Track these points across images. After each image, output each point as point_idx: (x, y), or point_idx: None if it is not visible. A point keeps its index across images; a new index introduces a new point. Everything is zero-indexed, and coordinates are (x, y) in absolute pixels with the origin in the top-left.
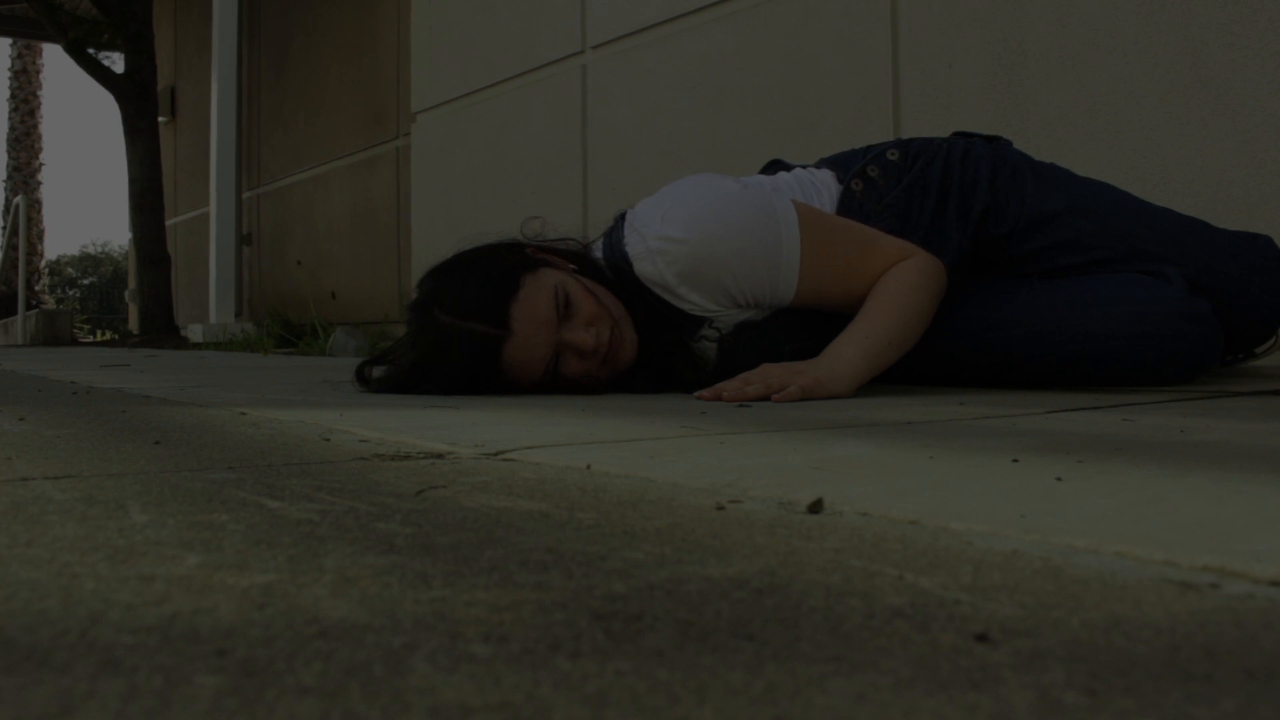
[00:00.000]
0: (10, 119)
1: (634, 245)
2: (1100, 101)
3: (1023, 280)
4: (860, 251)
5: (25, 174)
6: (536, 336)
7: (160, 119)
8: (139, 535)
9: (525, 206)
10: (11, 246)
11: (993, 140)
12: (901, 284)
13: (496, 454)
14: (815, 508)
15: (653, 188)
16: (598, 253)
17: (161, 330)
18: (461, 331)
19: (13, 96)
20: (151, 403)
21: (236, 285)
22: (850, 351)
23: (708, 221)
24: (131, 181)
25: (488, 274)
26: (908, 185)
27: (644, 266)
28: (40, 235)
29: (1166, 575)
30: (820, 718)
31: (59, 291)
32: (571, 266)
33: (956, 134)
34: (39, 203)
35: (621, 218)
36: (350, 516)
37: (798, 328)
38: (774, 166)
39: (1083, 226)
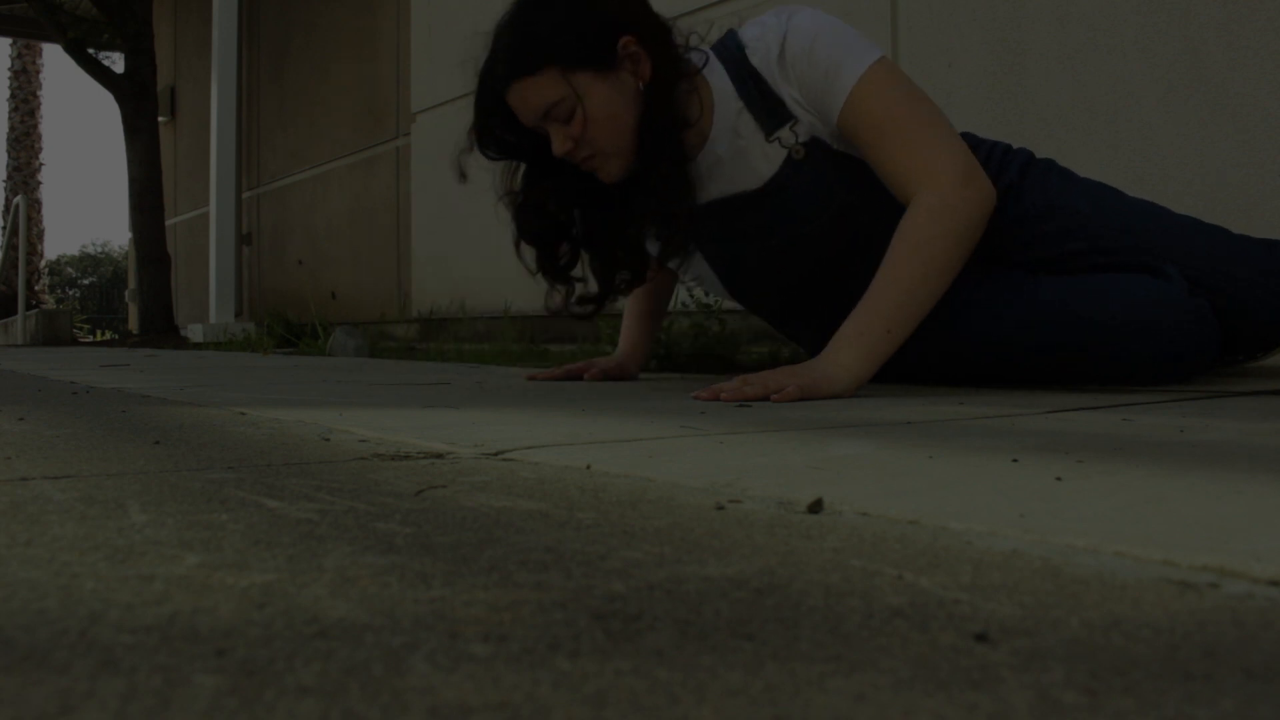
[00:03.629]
0: (10, 119)
1: (745, 30)
2: (1100, 101)
3: (1027, 274)
4: (917, 124)
5: (25, 174)
6: (523, 108)
7: (160, 119)
8: (138, 535)
9: None
10: (11, 246)
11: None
12: (912, 246)
13: (496, 454)
14: (815, 508)
15: None
16: (713, 61)
17: (161, 330)
18: (486, 56)
19: (13, 96)
20: (151, 402)
21: (236, 285)
22: (849, 351)
23: (808, 9)
24: (131, 181)
25: (553, 24)
26: None
27: (750, 35)
28: (40, 235)
29: (1166, 575)
30: (820, 717)
31: (59, 291)
32: (640, 82)
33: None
34: (39, 203)
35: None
36: (350, 516)
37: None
38: None
39: (1091, 215)
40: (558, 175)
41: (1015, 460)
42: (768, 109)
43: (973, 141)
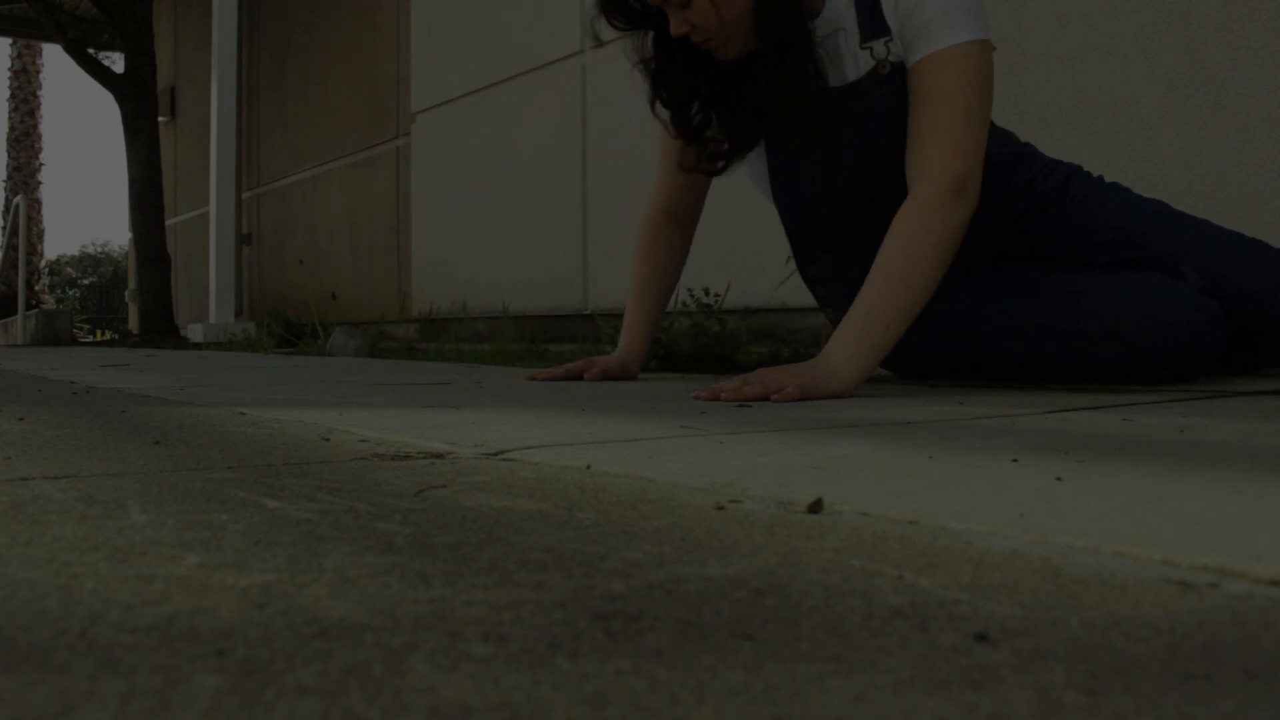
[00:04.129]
0: (10, 119)
1: None
2: (1100, 101)
3: (1047, 269)
4: (958, 118)
5: (25, 174)
6: None
7: (160, 119)
8: (138, 535)
9: (525, 206)
10: (11, 246)
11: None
12: (907, 241)
13: (496, 454)
14: (815, 508)
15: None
16: None
17: (161, 330)
18: None
19: (13, 96)
20: (151, 402)
21: (236, 285)
22: (849, 348)
23: None
24: (131, 181)
25: None
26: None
27: None
28: (40, 235)
29: (1166, 575)
30: (820, 717)
31: (59, 291)
32: None
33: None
34: (39, 203)
35: None
36: (350, 516)
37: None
38: None
39: (1125, 211)
40: (685, 43)
41: (1015, 460)
42: (872, 18)
43: (1030, 152)
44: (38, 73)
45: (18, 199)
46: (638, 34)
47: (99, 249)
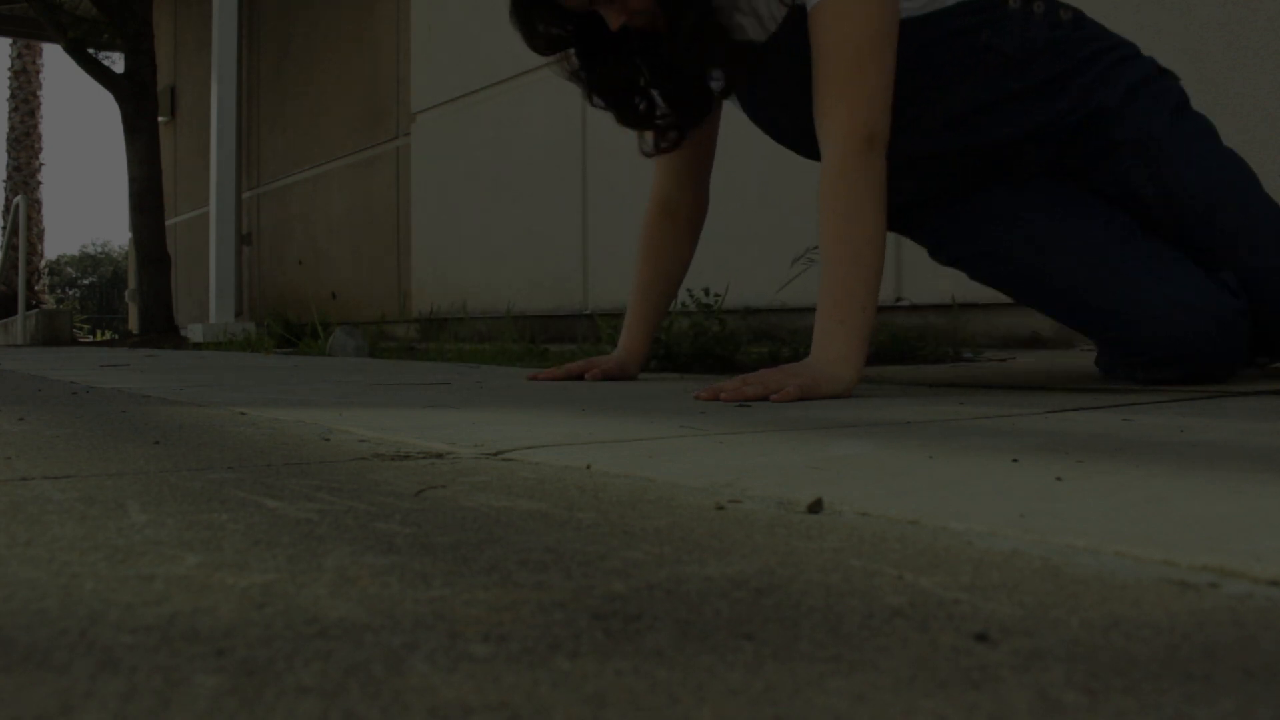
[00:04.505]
0: (10, 119)
1: None
2: None
3: (1101, 207)
4: (859, 67)
5: (25, 174)
6: None
7: (160, 119)
8: (138, 535)
9: (525, 206)
10: (11, 246)
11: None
12: (842, 218)
13: (496, 454)
14: (815, 508)
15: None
16: None
17: (161, 330)
18: None
19: (13, 96)
20: (151, 402)
21: (236, 285)
22: (839, 343)
23: None
24: (131, 181)
25: None
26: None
27: None
28: (40, 235)
29: (1166, 575)
30: (820, 718)
31: (59, 291)
32: None
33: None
34: (39, 203)
35: None
36: (350, 516)
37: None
38: None
39: (1188, 177)
40: (607, 48)
41: (1015, 460)
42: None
43: (1093, 33)
44: (38, 73)
45: (18, 199)
46: (564, 53)
47: (99, 249)
